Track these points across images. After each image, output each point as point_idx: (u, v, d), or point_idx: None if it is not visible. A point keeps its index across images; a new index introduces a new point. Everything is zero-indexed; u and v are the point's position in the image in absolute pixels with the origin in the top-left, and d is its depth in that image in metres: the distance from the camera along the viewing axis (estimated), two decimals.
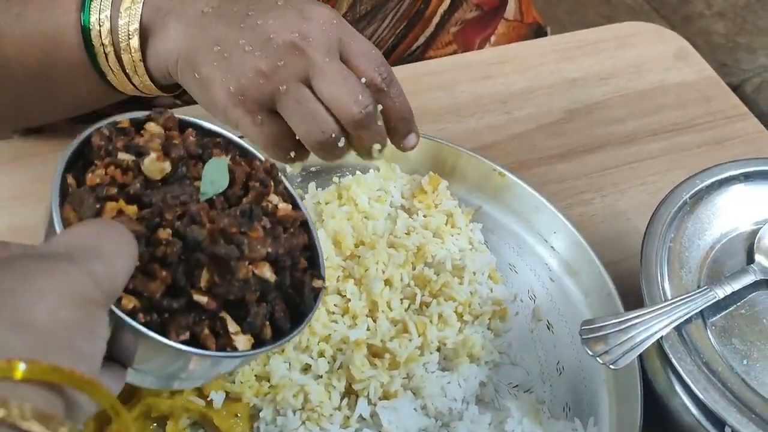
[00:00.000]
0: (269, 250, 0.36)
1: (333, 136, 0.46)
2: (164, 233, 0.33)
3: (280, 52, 0.46)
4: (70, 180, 0.35)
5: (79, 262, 0.27)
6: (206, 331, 0.34)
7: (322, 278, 0.39)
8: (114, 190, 0.34)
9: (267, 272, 0.36)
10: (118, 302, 0.31)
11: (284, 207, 0.40)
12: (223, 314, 0.35)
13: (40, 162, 0.65)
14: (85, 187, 0.34)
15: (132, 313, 0.31)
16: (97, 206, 0.33)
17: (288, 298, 0.38)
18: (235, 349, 0.35)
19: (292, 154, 0.48)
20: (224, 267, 0.34)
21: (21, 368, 0.23)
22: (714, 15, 1.50)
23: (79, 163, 0.36)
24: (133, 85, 0.53)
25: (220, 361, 0.35)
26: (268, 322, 0.37)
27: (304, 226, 0.41)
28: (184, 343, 0.33)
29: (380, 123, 0.49)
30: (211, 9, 0.49)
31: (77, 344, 0.26)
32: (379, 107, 0.48)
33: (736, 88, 1.39)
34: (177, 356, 0.33)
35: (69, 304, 0.26)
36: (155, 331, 0.32)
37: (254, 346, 0.36)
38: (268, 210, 0.39)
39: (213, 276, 0.34)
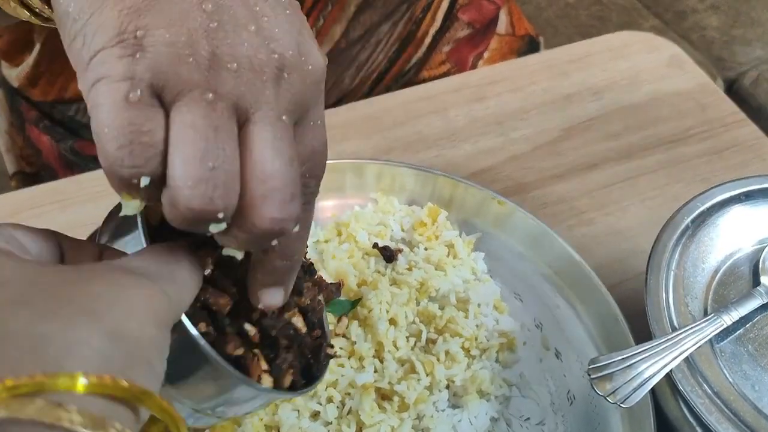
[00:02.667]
0: (309, 301, 0.38)
1: (219, 197, 0.28)
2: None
3: (241, 54, 0.28)
4: None
5: (157, 282, 0.28)
6: (254, 359, 0.35)
7: (332, 345, 0.40)
8: None
9: (299, 323, 0.37)
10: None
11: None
12: (257, 351, 0.36)
13: (37, 215, 0.65)
14: None
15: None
16: None
17: (302, 356, 0.39)
18: None
19: (143, 168, 0.27)
20: None
21: (122, 386, 0.24)
22: (707, 9, 1.49)
23: None
24: None
25: (258, 395, 0.35)
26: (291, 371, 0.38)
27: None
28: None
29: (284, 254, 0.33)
30: None
31: (154, 362, 0.27)
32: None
33: (733, 82, 1.39)
34: (224, 378, 0.33)
35: (153, 322, 0.27)
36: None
37: None
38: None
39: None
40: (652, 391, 0.47)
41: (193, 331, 0.31)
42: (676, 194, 0.67)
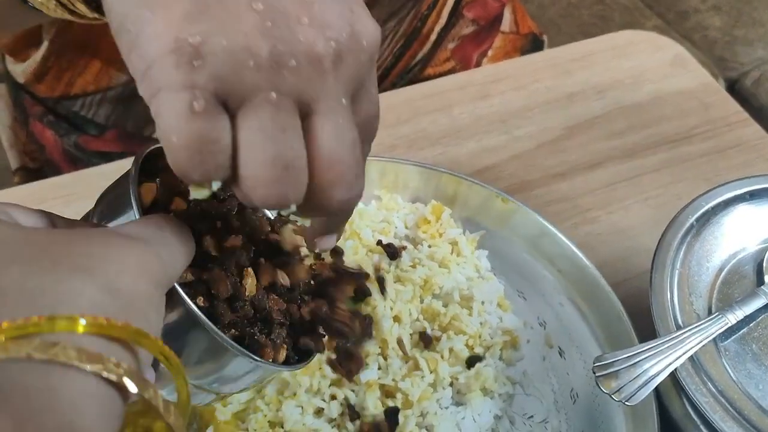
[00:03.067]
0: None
1: (292, 192, 0.29)
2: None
3: (299, 50, 0.29)
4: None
5: (150, 245, 0.29)
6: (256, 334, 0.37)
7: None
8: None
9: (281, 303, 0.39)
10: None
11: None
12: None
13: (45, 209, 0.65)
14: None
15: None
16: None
17: (296, 333, 0.40)
18: None
19: (213, 175, 0.28)
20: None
21: (116, 324, 0.25)
22: (709, 9, 1.49)
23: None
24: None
25: (253, 368, 0.36)
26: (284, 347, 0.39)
27: None
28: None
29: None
30: None
31: (150, 316, 0.28)
32: None
33: (735, 83, 1.39)
34: (221, 351, 0.34)
35: (145, 280, 0.28)
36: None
37: None
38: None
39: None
40: (656, 389, 0.47)
41: (190, 303, 0.32)
42: (679, 193, 0.67)
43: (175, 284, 0.32)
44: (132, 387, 0.25)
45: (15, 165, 0.85)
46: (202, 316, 0.32)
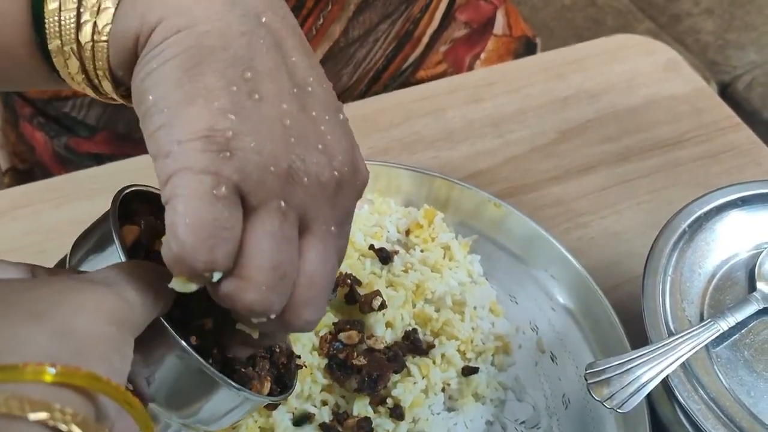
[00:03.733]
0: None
1: (278, 303, 0.30)
2: None
3: (312, 171, 0.30)
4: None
5: (113, 288, 0.29)
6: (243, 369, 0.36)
7: (299, 356, 0.42)
8: None
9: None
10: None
11: None
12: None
13: (31, 213, 0.65)
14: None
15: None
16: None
17: (275, 366, 0.40)
18: None
19: (217, 264, 0.29)
20: None
21: (62, 372, 0.24)
22: (702, 12, 1.50)
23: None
24: (85, 74, 0.34)
25: (241, 402, 0.36)
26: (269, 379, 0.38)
27: None
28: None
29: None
30: (272, 18, 0.31)
31: (111, 358, 0.27)
32: None
33: (727, 86, 1.39)
34: (209, 385, 0.33)
35: (105, 321, 0.27)
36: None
37: None
38: None
39: None
40: (647, 395, 0.47)
41: (179, 340, 0.31)
42: (671, 197, 0.67)
43: (163, 321, 0.31)
44: None
45: (5, 166, 0.84)
46: (193, 353, 0.32)
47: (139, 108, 0.30)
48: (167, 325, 0.31)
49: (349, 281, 0.53)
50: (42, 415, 0.23)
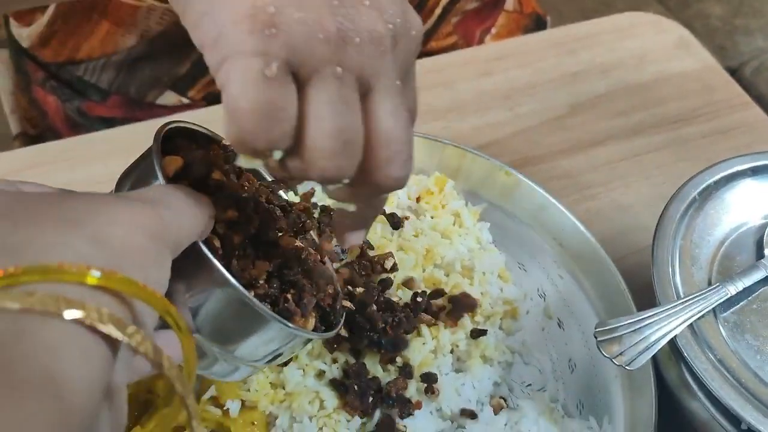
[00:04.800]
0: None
1: (348, 166, 0.31)
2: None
3: (363, 28, 0.30)
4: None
5: (150, 205, 0.29)
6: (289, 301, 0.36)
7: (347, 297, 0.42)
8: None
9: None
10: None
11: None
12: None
13: (43, 173, 0.65)
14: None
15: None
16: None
17: (320, 306, 0.40)
18: None
19: (278, 143, 0.29)
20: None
21: (96, 275, 0.24)
22: None
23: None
24: None
25: (288, 335, 0.36)
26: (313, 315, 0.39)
27: None
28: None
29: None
30: None
31: (147, 268, 0.27)
32: None
33: (734, 72, 1.39)
34: (251, 317, 0.33)
35: (141, 233, 0.27)
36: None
37: None
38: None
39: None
40: (653, 360, 0.48)
41: (220, 268, 0.31)
42: (680, 172, 0.67)
43: (202, 246, 0.31)
44: (114, 332, 0.23)
45: (15, 131, 0.85)
46: (233, 279, 0.32)
47: (179, 2, 0.30)
48: (205, 249, 0.31)
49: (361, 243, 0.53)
50: (78, 313, 0.22)
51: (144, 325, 0.26)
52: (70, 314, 0.22)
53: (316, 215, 0.43)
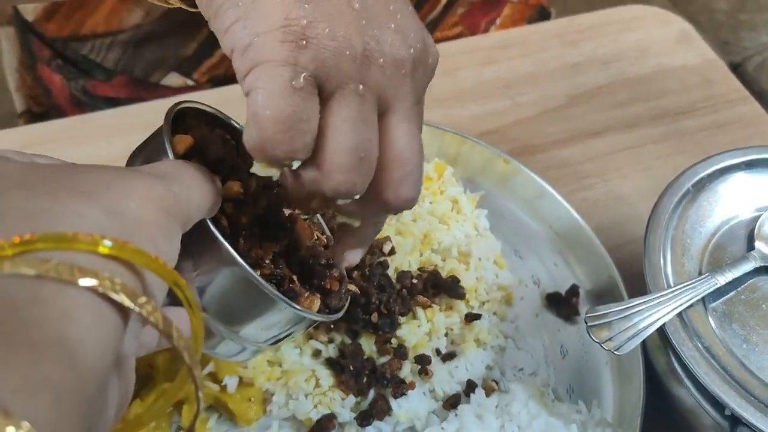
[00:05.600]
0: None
1: (360, 183, 0.32)
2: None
3: (387, 50, 0.31)
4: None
5: (162, 180, 0.29)
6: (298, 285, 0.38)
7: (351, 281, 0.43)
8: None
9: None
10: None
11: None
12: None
13: (47, 151, 0.65)
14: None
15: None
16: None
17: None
18: None
19: (298, 153, 0.30)
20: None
21: (109, 245, 0.24)
22: None
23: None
24: None
25: (298, 317, 0.36)
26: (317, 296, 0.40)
27: None
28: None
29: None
30: None
31: (158, 241, 0.27)
32: None
33: (737, 67, 1.39)
34: (256, 295, 0.34)
35: (153, 207, 0.27)
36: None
37: None
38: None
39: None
40: (642, 347, 0.49)
41: (228, 247, 0.32)
42: (677, 165, 0.67)
43: (209, 224, 0.32)
44: (126, 302, 0.24)
45: (20, 108, 0.85)
46: (239, 258, 0.32)
47: (210, 6, 0.31)
48: (213, 228, 0.32)
49: None
50: (91, 281, 0.23)
51: (154, 297, 0.27)
52: (85, 282, 0.23)
53: None
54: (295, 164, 0.30)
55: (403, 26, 0.32)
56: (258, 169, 0.30)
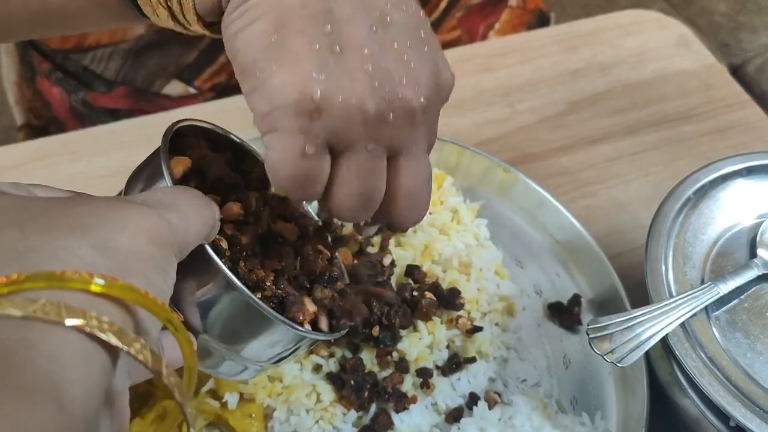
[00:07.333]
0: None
1: (364, 216, 0.35)
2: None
3: (398, 106, 0.32)
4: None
5: (157, 209, 0.29)
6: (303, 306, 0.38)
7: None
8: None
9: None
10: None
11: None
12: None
13: (46, 166, 0.66)
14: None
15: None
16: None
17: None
18: None
19: (308, 198, 0.34)
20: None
21: (99, 283, 0.24)
22: None
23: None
24: (175, 20, 0.36)
25: (299, 337, 0.36)
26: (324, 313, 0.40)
27: None
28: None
29: None
30: None
31: (151, 276, 0.27)
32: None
33: (737, 69, 1.39)
34: (255, 316, 0.34)
35: (146, 240, 0.27)
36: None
37: None
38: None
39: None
40: (646, 356, 0.49)
41: (224, 269, 0.32)
42: (678, 170, 0.67)
43: (208, 248, 0.32)
44: (113, 341, 0.24)
45: (20, 122, 0.85)
46: (238, 282, 0.32)
47: (234, 63, 0.32)
48: (212, 253, 0.32)
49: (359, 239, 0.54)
50: (77, 321, 0.23)
51: (146, 332, 0.27)
52: (71, 322, 0.23)
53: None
54: (307, 205, 0.38)
55: (416, 76, 0.32)
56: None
